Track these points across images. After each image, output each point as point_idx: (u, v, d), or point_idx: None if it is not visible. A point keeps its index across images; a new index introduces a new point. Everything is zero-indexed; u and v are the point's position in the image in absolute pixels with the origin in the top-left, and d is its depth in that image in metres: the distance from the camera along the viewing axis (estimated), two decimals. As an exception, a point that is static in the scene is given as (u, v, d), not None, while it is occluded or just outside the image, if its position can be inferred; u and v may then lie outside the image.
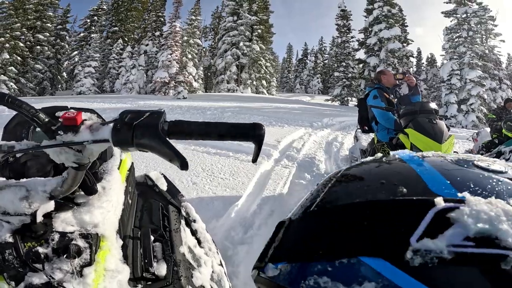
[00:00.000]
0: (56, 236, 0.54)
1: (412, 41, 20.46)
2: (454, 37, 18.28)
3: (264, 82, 25.89)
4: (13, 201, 0.50)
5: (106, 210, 0.62)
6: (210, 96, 19.34)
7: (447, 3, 18.80)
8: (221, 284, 0.87)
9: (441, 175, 0.41)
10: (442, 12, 18.99)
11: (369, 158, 0.58)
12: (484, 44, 18.25)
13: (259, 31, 25.38)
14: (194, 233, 0.92)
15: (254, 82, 25.01)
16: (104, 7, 30.04)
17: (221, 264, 0.96)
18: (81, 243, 0.55)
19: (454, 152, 2.46)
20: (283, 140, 5.38)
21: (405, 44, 19.81)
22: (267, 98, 20.14)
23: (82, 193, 0.61)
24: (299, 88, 45.45)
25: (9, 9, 22.83)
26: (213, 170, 3.44)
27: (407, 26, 21.17)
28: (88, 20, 29.56)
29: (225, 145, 4.56)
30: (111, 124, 0.45)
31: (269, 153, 4.33)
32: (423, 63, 32.98)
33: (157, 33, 25.32)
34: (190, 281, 0.74)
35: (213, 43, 32.25)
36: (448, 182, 0.39)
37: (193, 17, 24.37)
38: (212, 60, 28.27)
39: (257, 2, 25.88)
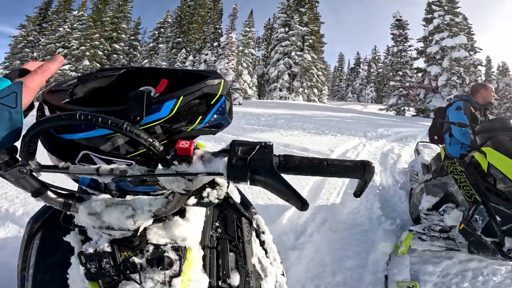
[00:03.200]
0: (151, 248, 0.56)
1: (481, 49, 18.51)
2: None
3: (315, 90, 25.50)
4: (118, 218, 0.52)
5: (193, 224, 0.63)
6: (264, 103, 19.59)
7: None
8: None
9: None
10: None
11: None
12: None
13: (310, 41, 25.15)
14: (262, 244, 0.92)
15: (306, 90, 24.76)
16: (169, 20, 32.35)
17: (283, 274, 0.94)
18: (172, 255, 0.56)
19: None
20: (336, 149, 5.21)
21: (472, 53, 17.99)
22: (319, 106, 19.76)
23: None
24: (351, 96, 43.87)
25: (88, 21, 25.61)
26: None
27: (473, 34, 19.27)
28: (156, 32, 32.09)
29: (279, 152, 4.54)
30: (226, 159, 0.43)
31: (321, 162, 4.22)
32: (493, 72, 29.60)
33: (215, 44, 26.47)
34: None
35: (266, 53, 32.73)
36: None
37: (247, 29, 25.06)
38: (265, 69, 28.68)
39: (307, 14, 25.72)
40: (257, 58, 31.01)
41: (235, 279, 0.70)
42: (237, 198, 0.88)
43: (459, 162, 2.22)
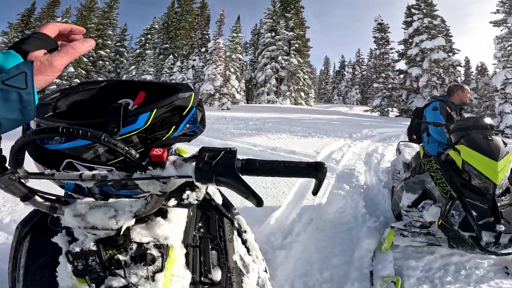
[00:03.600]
0: (134, 246, 0.61)
1: (459, 50, 19.07)
2: (506, 46, 16.70)
3: (302, 93, 25.77)
4: (102, 219, 0.56)
5: (174, 224, 0.68)
6: (252, 107, 19.66)
7: (494, 13, 17.35)
8: None
9: None
10: (491, 22, 17.54)
11: None
12: (542, 53, 16.39)
13: (296, 45, 25.47)
14: (244, 242, 0.97)
15: (293, 94, 24.98)
16: (156, 26, 32.06)
17: (265, 271, 0.99)
18: (155, 252, 0.61)
19: None
20: (322, 151, 5.30)
21: (450, 54, 18.58)
22: (306, 109, 19.97)
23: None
24: (337, 99, 44.47)
25: None
26: (255, 179, 3.48)
27: (451, 36, 19.89)
28: (143, 38, 31.73)
29: (266, 156, 4.59)
30: (194, 163, 0.48)
31: (308, 164, 4.28)
32: (472, 72, 30.49)
33: (203, 49, 26.45)
34: (240, 286, 0.77)
35: (253, 58, 32.86)
36: None
37: (235, 34, 25.15)
38: (253, 73, 28.81)
39: (293, 19, 26.09)
40: (245, 63, 31.12)
41: (217, 275, 0.75)
42: (219, 200, 0.93)
43: (435, 160, 2.30)
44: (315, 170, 0.50)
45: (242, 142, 6.02)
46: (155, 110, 0.56)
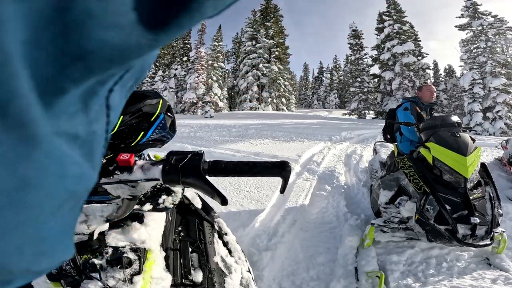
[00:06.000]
0: (110, 250, 0.60)
1: (427, 54, 19.97)
2: (472, 48, 17.57)
3: (283, 99, 26.06)
4: None
5: (151, 227, 0.68)
6: (235, 114, 19.67)
7: (459, 17, 18.26)
8: None
9: None
10: (456, 26, 18.43)
11: None
12: (506, 53, 17.34)
13: (277, 53, 25.85)
14: (225, 244, 0.97)
15: (274, 100, 25.23)
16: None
17: (249, 271, 0.99)
18: (131, 255, 0.61)
19: (482, 162, 2.29)
20: (303, 154, 5.36)
21: (420, 58, 19.39)
22: (287, 114, 20.19)
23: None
24: (316, 103, 45.23)
25: None
26: (239, 184, 3.47)
27: (420, 40, 20.76)
28: (124, 50, 31.19)
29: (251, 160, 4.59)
30: (160, 166, 0.49)
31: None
32: (440, 74, 31.87)
33: (185, 58, 26.30)
34: (222, 286, 0.77)
35: (235, 66, 33.01)
36: None
37: (216, 43, 25.24)
38: (235, 81, 28.89)
39: (273, 28, 26.50)
40: (227, 71, 31.19)
41: (199, 276, 0.75)
42: (198, 204, 0.93)
43: (407, 158, 2.37)
44: (280, 169, 0.51)
45: (225, 148, 6.00)
46: (121, 117, 0.56)
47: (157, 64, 28.12)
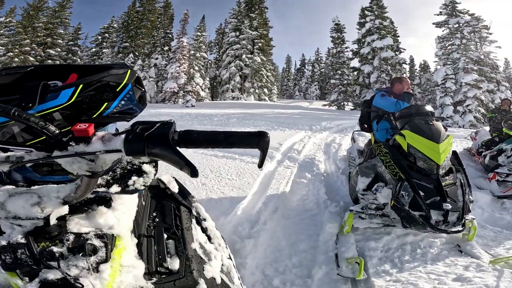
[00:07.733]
0: (71, 237, 0.54)
1: (404, 49, 20.45)
2: (447, 45, 18.13)
3: (265, 90, 26.00)
4: (24, 207, 0.49)
5: (120, 212, 0.62)
6: (217, 104, 19.41)
7: (438, 15, 18.73)
8: (230, 275, 0.87)
9: None
10: (433, 23, 18.89)
11: None
12: (479, 50, 17.99)
13: (260, 44, 25.62)
14: (204, 230, 0.92)
15: (257, 90, 25.11)
16: (115, 25, 30.14)
17: (230, 258, 0.95)
18: (96, 242, 0.55)
19: (453, 150, 2.37)
20: (284, 143, 5.36)
21: (397, 53, 19.82)
22: (269, 104, 20.18)
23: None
24: (298, 94, 45.52)
25: (18, 27, 22.90)
26: (220, 172, 3.42)
27: (398, 36, 21.18)
28: (100, 37, 29.63)
29: (232, 149, 4.54)
30: (123, 135, 0.44)
31: (272, 155, 4.32)
32: (416, 69, 32.84)
33: (166, 48, 25.46)
34: (201, 273, 0.73)
35: (218, 56, 32.40)
36: None
37: (199, 33, 24.62)
38: (217, 71, 28.42)
39: (257, 19, 26.16)
40: (209, 61, 30.58)
41: (175, 263, 0.71)
42: (175, 189, 0.88)
43: (384, 145, 2.41)
44: (257, 139, 0.47)
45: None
46: (80, 86, 0.50)
47: (137, 54, 27.05)
